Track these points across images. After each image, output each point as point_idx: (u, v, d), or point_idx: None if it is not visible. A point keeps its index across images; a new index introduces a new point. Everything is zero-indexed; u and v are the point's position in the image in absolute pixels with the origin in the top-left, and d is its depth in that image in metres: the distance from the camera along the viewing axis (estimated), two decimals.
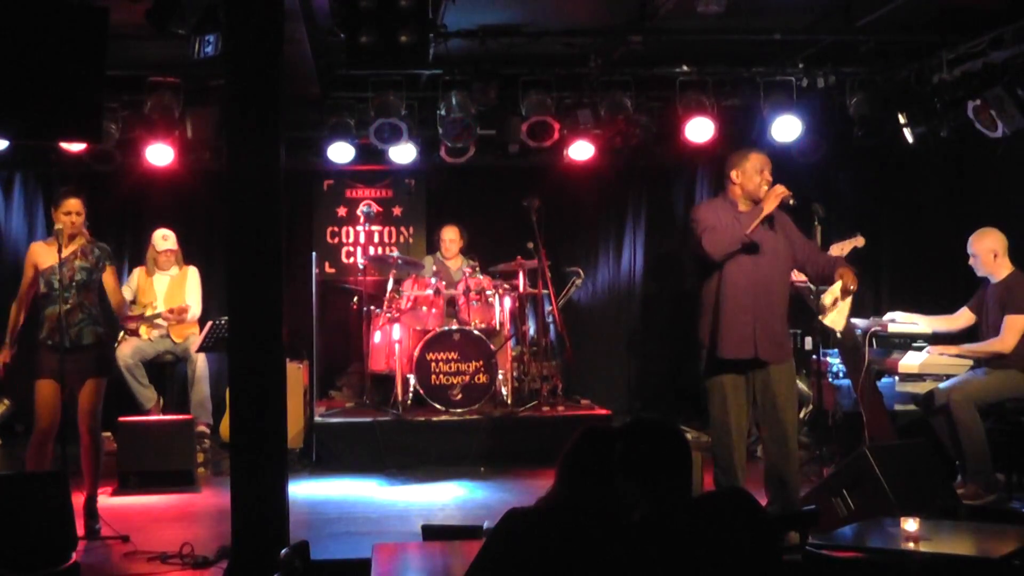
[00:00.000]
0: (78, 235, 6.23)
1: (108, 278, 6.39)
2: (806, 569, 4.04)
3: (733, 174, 5.81)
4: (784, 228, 5.83)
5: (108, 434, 7.75)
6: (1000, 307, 6.63)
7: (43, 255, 6.27)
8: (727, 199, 5.84)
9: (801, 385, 7.73)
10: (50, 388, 6.12)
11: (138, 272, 8.66)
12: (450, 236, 9.30)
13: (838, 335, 6.82)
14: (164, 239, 8.52)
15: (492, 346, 8.40)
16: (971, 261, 6.80)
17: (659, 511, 3.02)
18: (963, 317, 7.00)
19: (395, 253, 9.40)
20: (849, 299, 5.81)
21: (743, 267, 5.67)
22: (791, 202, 5.68)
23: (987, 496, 6.28)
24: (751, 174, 5.75)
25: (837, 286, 5.74)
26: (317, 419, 8.28)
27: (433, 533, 4.50)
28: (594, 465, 3.09)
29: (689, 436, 8.78)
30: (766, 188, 5.70)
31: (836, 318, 5.86)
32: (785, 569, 3.31)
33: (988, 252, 6.71)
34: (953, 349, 6.82)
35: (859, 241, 7.60)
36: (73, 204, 6.24)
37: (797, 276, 6.35)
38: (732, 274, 5.68)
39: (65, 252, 6.13)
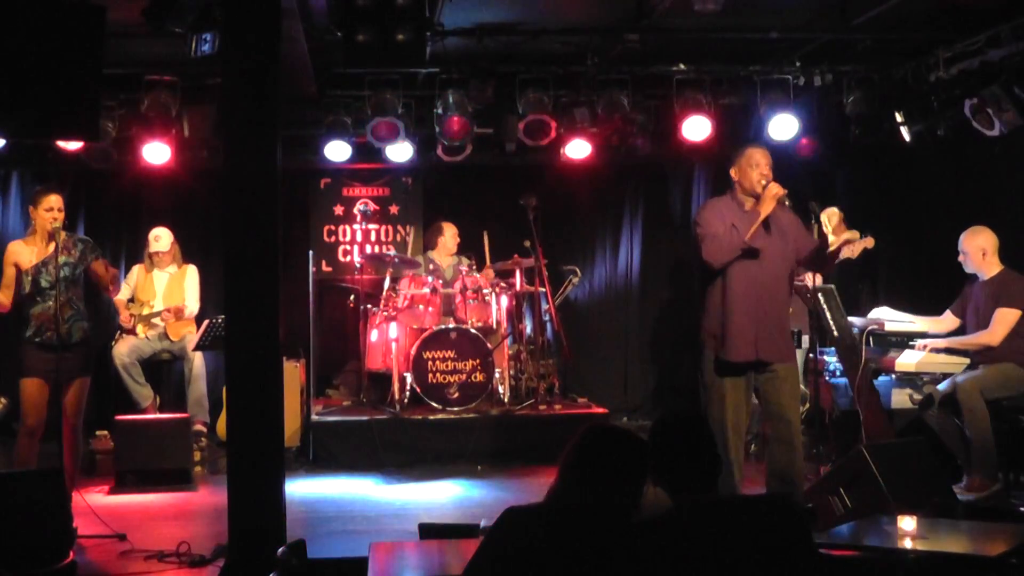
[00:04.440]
0: (56, 232, 6.19)
1: (99, 268, 6.38)
2: None
3: (732, 171, 5.83)
4: (786, 225, 5.82)
5: (105, 432, 7.78)
6: (992, 302, 6.67)
7: (24, 254, 6.26)
8: (733, 197, 5.85)
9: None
10: (37, 386, 6.16)
11: (137, 269, 8.65)
12: (451, 232, 9.30)
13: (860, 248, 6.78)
14: (156, 240, 8.51)
15: (489, 344, 8.39)
16: (961, 258, 6.87)
17: (690, 507, 3.00)
18: (947, 320, 7.04)
19: (392, 251, 9.40)
20: (843, 238, 5.96)
21: (746, 270, 5.68)
22: (786, 202, 5.69)
23: (992, 486, 6.28)
24: (746, 170, 5.76)
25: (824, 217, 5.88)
26: (314, 417, 8.27)
27: (430, 532, 4.50)
28: (597, 463, 3.09)
29: None
30: (763, 184, 5.69)
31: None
32: None
33: (978, 250, 6.77)
34: (942, 343, 6.86)
35: (869, 242, 7.62)
36: (55, 200, 6.24)
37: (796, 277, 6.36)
38: (735, 277, 5.68)
39: (47, 250, 6.14)
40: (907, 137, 8.31)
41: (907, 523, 4.12)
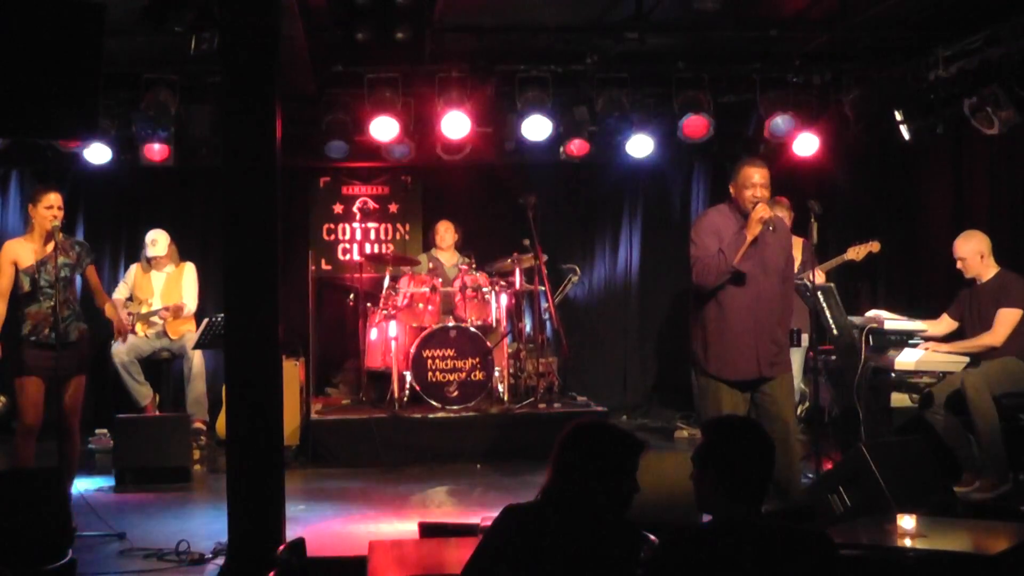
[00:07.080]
0: (55, 231, 6.17)
1: (92, 275, 6.40)
2: None
3: (731, 187, 5.76)
4: (776, 247, 5.77)
5: (104, 431, 7.78)
6: (993, 303, 6.65)
7: (22, 252, 6.25)
8: (732, 209, 5.77)
9: (798, 382, 7.74)
10: (36, 385, 6.17)
11: (135, 268, 8.65)
12: (444, 229, 9.30)
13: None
14: (152, 244, 8.49)
15: (488, 343, 8.39)
16: (959, 265, 6.83)
17: (733, 518, 2.99)
18: (944, 324, 7.02)
19: (391, 250, 9.40)
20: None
21: (743, 288, 5.63)
22: (771, 228, 5.60)
23: (1002, 487, 6.26)
24: (740, 189, 5.67)
25: None
26: (313, 416, 8.27)
27: (429, 530, 4.51)
28: (584, 459, 3.10)
29: (685, 434, 8.88)
30: (753, 205, 5.58)
31: None
32: None
33: (975, 254, 6.75)
34: (945, 346, 6.84)
35: (875, 246, 7.65)
36: (54, 198, 6.23)
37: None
38: (732, 294, 5.63)
39: (45, 249, 6.14)
40: (906, 136, 8.30)
41: (907, 522, 4.12)
